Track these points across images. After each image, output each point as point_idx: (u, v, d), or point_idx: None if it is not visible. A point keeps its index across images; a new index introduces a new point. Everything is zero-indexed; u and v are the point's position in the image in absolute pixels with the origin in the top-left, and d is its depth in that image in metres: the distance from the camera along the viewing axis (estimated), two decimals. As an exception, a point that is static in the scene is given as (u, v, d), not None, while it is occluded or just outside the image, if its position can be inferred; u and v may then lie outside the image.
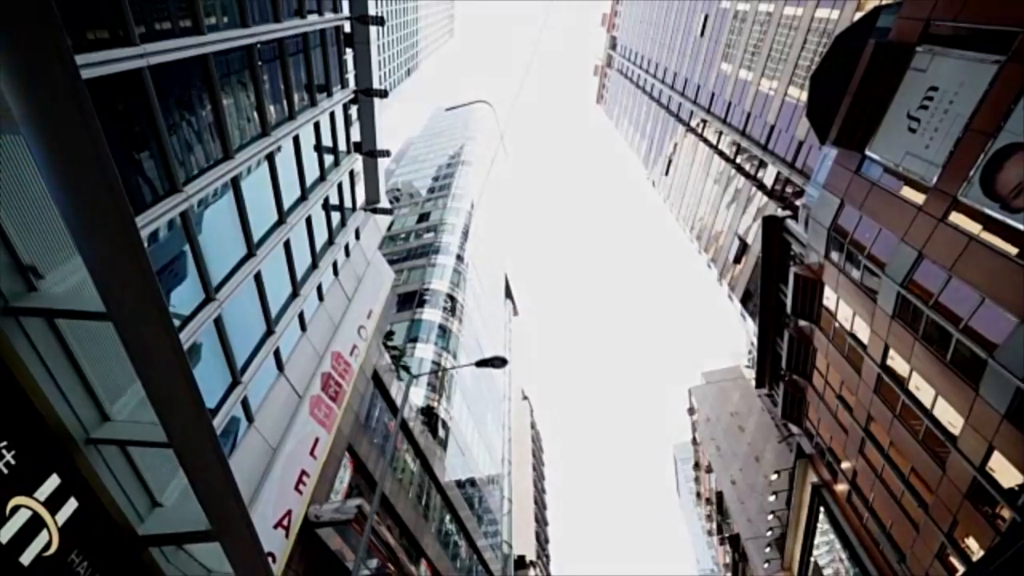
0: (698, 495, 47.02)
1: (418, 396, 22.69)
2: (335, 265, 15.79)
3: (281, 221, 11.54)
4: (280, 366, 12.12)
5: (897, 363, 14.24)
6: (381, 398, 17.81)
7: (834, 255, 16.51)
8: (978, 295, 10.93)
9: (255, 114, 10.31)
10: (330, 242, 15.36)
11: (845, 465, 18.78)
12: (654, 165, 55.39)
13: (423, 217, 42.51)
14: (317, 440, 12.73)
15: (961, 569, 13.51)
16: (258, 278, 10.72)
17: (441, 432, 23.01)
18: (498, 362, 12.41)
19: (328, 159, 14.49)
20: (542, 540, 67.64)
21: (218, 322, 9.11)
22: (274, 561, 10.29)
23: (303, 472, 11.90)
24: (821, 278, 17.34)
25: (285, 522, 10.97)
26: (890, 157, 13.65)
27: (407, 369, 21.33)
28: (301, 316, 13.28)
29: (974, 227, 11.14)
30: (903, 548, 15.14)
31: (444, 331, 28.16)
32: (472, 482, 26.59)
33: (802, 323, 19.44)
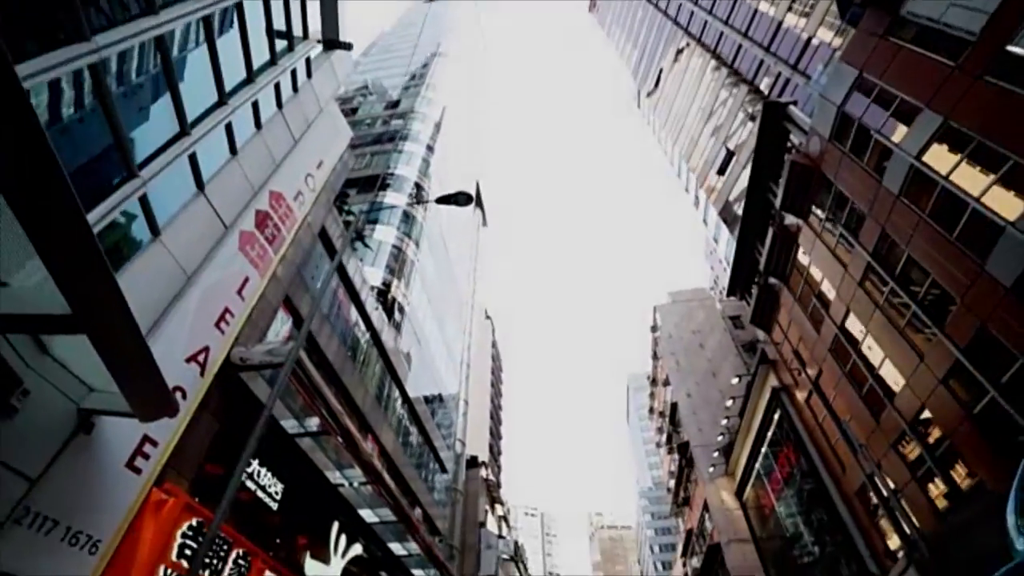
0: (651, 410, 48.47)
1: (375, 277, 21.02)
2: (278, 93, 13.38)
3: (199, -8, 9.08)
4: (200, 184, 10.08)
5: (892, 251, 13.28)
6: (329, 260, 16.05)
7: (837, 141, 15.11)
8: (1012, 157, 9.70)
9: None
10: (272, 63, 12.88)
11: (810, 366, 18.47)
12: (644, 77, 52.28)
13: (393, 104, 38.97)
14: (247, 280, 10.98)
15: (916, 453, 13.38)
16: (165, 55, 8.45)
17: (397, 315, 21.63)
18: (463, 198, 10.71)
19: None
20: (495, 452, 69.80)
21: (99, 74, 6.96)
22: (184, 397, 8.79)
23: (227, 310, 10.23)
24: (819, 166, 16.00)
25: (201, 358, 9.40)
26: (930, 11, 11.92)
27: (361, 237, 19.50)
28: (230, 134, 11.09)
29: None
30: (860, 439, 14.94)
31: (408, 217, 26.14)
32: (428, 372, 25.71)
33: (788, 220, 18.34)
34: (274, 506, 11.62)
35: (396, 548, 17.85)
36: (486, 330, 78.18)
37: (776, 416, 21.48)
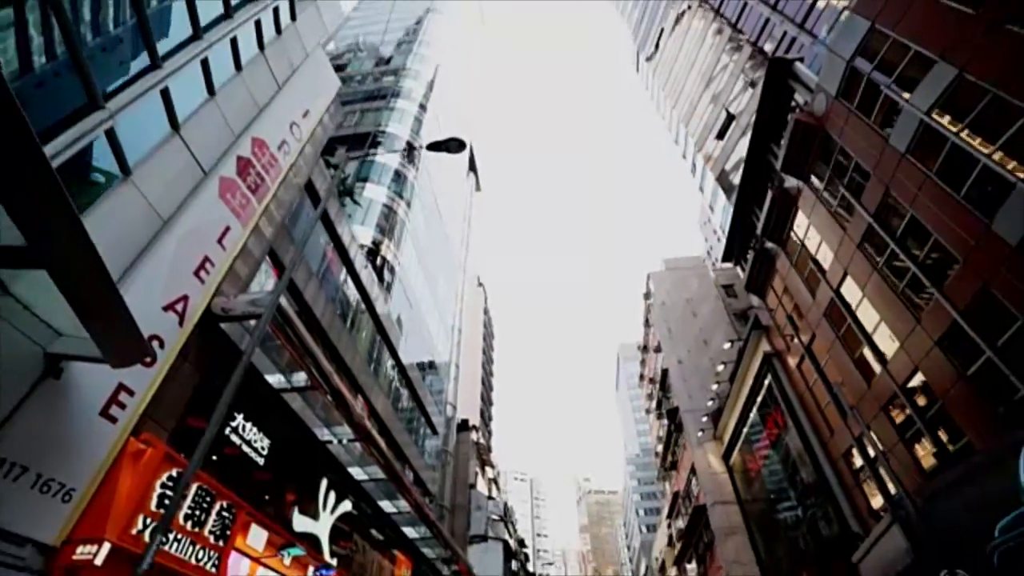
0: (641, 377, 48.84)
1: (365, 236, 20.50)
2: (259, 33, 12.61)
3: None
4: (174, 123, 9.48)
5: (895, 212, 12.96)
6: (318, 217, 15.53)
7: (844, 98, 14.59)
8: (1026, 109, 9.29)
9: None
10: (251, -1, 12.07)
11: (803, 331, 18.39)
12: (645, 38, 50.77)
13: (384, 61, 37.55)
14: (228, 229, 10.50)
15: (905, 416, 13.41)
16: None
17: (387, 276, 21.21)
18: (454, 145, 10.18)
19: None
20: (485, 418, 70.52)
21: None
22: (162, 346, 8.44)
23: (207, 259, 9.79)
24: (824, 125, 15.51)
25: (179, 308, 9.01)
26: (949, -45, 11.26)
27: (350, 193, 18.89)
28: (207, 73, 10.42)
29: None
30: (851, 402, 14.94)
31: (399, 177, 25.42)
32: (419, 335, 25.49)
33: (788, 183, 17.94)
34: (260, 461, 11.45)
35: (386, 506, 17.94)
36: (478, 297, 78.01)
37: (767, 381, 21.54)
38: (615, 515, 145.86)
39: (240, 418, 10.97)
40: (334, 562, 13.87)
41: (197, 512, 8.49)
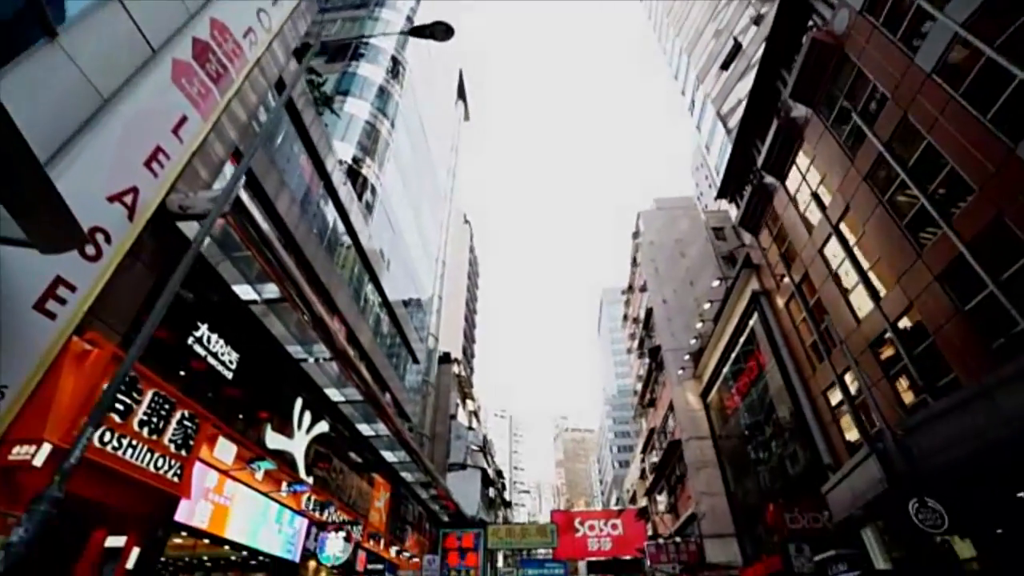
0: (624, 317, 49.14)
1: (344, 151, 19.17)
2: None
3: None
4: (112, -16, 8.11)
5: (910, 140, 12.20)
6: (291, 122, 14.25)
7: (869, 13, 13.41)
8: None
9: None
10: None
11: (795, 269, 18.02)
12: (649, -40, 47.41)
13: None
14: (184, 119, 9.34)
15: (892, 353, 13.29)
16: None
17: (368, 196, 20.11)
18: (440, 31, 9.01)
19: None
20: (468, 355, 71.18)
21: None
22: (108, 240, 7.55)
23: (159, 149, 8.71)
24: (843, 45, 14.38)
25: (128, 200, 8.04)
26: None
27: (328, 103, 17.48)
28: (151, -71, 8.91)
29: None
30: (841, 337, 14.76)
31: (384, 93, 23.69)
32: (402, 264, 24.71)
33: (796, 112, 16.97)
34: (229, 375, 10.87)
35: (365, 429, 17.78)
36: (464, 234, 76.82)
37: (752, 321, 21.42)
38: (589, 452, 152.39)
39: (204, 328, 10.27)
40: (310, 480, 13.71)
41: (154, 419, 7.93)
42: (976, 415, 9.65)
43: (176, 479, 8.30)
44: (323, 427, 15.16)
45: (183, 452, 8.51)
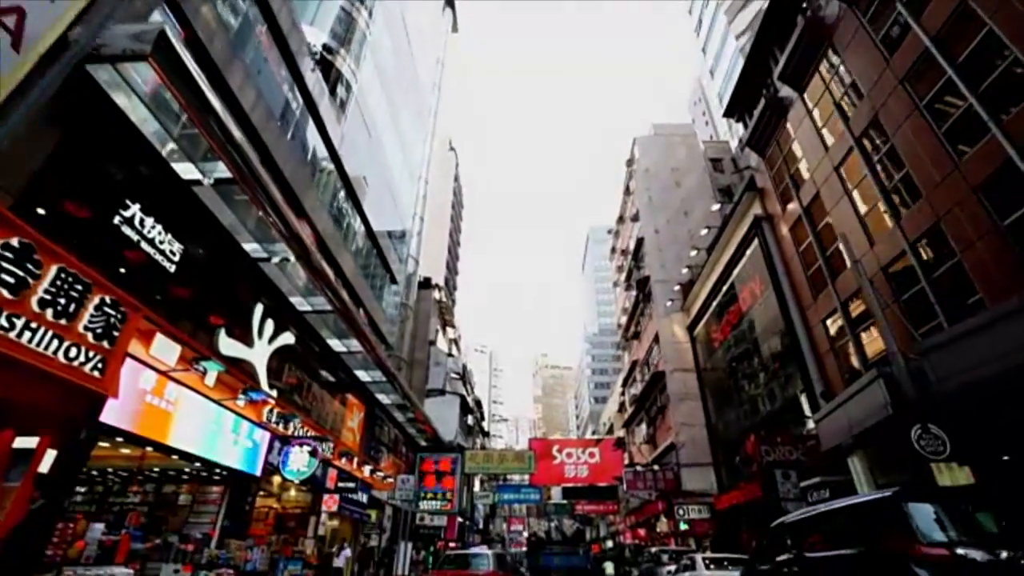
0: (613, 249, 48.06)
1: (314, 37, 16.79)
2: None
3: None
4: None
5: (961, 31, 10.62)
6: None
7: None
8: None
9: None
10: None
11: (804, 190, 16.75)
12: None
13: None
14: (90, -69, 7.30)
15: (905, 276, 12.33)
16: None
17: (341, 91, 17.93)
18: None
19: None
20: (451, 286, 70.09)
21: None
22: (-21, 68, 5.80)
23: (54, -38, 6.76)
24: (892, -79, 12.39)
25: (10, 23, 6.23)
26: None
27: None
28: None
29: None
30: (856, 256, 13.74)
31: (359, -24, 20.76)
32: (380, 179, 22.79)
33: (827, 11, 15.09)
34: (171, 268, 9.39)
35: (336, 345, 16.64)
36: (449, 163, 73.73)
37: (751, 249, 20.35)
38: (567, 389, 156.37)
39: (136, 209, 8.66)
40: (273, 393, 12.62)
41: (61, 300, 6.51)
42: (1006, 336, 8.77)
43: (97, 374, 6.99)
44: (288, 339, 13.93)
45: (105, 344, 7.16)
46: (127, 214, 8.55)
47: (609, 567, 24.89)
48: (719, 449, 24.47)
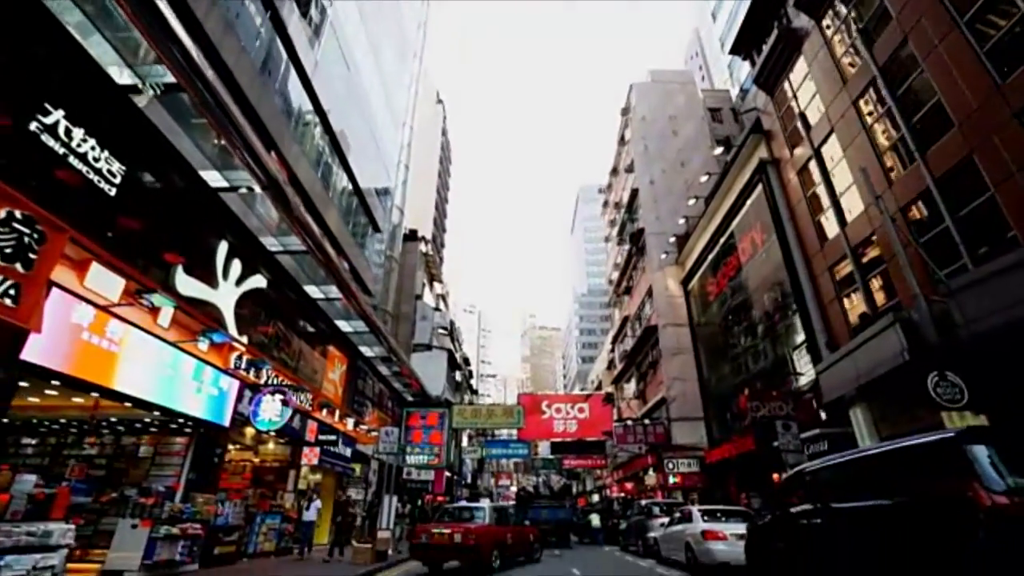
0: (605, 203, 46.76)
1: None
2: None
3: None
4: None
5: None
6: None
7: None
8: None
9: None
10: None
11: (816, 129, 15.64)
12: None
13: None
14: None
15: (922, 216, 11.45)
16: None
17: (315, 14, 16.14)
18: None
19: None
20: (438, 243, 68.62)
21: None
22: None
23: None
24: None
25: None
26: None
27: None
28: None
29: None
30: (876, 192, 12.83)
31: None
32: (360, 118, 21.12)
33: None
34: (110, 190, 8.14)
35: (313, 291, 15.56)
36: (436, 116, 71.00)
37: (754, 194, 19.33)
38: (555, 349, 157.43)
39: (60, 116, 7.34)
40: (243, 338, 11.59)
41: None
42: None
43: (9, 302, 5.88)
44: (259, 282, 12.80)
45: (18, 267, 6.03)
46: (48, 121, 7.24)
47: (595, 519, 24.90)
48: (711, 404, 24.14)
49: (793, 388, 17.03)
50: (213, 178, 10.54)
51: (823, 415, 14.57)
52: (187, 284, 10.09)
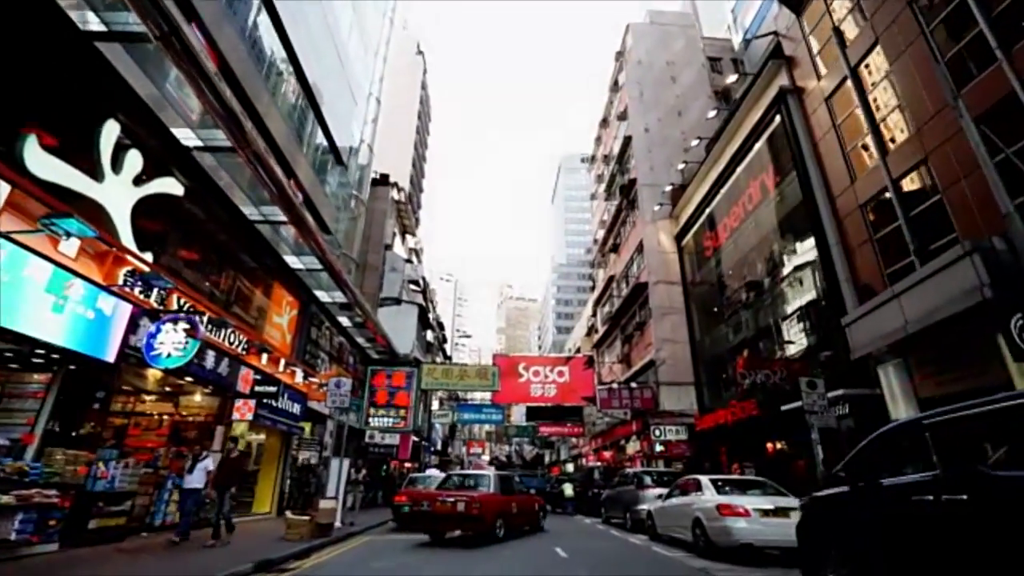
0: (592, 158, 44.13)
1: None
2: None
3: None
4: None
5: None
6: None
7: None
8: None
9: None
10: None
11: (853, 46, 13.37)
12: None
13: None
14: None
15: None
16: None
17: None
18: None
19: None
20: (415, 203, 65.20)
21: None
22: None
23: None
24: None
25: None
26: None
27: None
28: None
29: None
30: (950, 98, 10.67)
31: None
32: (324, 32, 17.93)
33: None
34: None
35: (251, 212, 12.81)
36: (416, 68, 66.83)
37: (769, 130, 17.10)
38: (531, 320, 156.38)
39: None
40: (148, 257, 8.90)
41: None
42: None
43: None
44: (171, 186, 10.02)
45: None
46: None
47: (568, 488, 23.26)
48: (702, 368, 22.38)
49: (806, 346, 15.22)
50: (81, 17, 7.63)
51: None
52: (51, 167, 7.33)
